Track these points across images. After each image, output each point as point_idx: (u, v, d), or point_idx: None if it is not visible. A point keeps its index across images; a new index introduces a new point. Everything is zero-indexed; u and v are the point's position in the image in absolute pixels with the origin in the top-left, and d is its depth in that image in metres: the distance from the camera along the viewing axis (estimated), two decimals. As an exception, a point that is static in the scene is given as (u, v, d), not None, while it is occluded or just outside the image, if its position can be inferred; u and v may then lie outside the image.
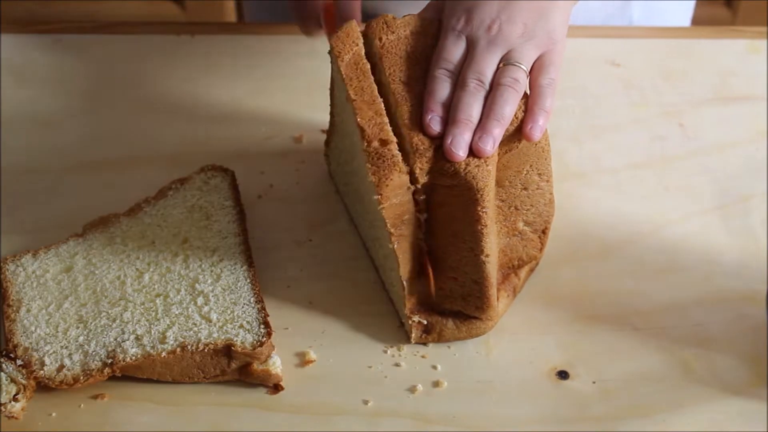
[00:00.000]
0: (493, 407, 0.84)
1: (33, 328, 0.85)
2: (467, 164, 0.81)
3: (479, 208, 0.82)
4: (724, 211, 0.99)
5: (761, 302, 0.90)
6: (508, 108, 0.83)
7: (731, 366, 0.87)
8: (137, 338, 0.84)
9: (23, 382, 0.80)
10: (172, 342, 0.83)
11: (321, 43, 1.13)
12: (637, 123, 1.08)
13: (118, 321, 0.85)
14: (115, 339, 0.84)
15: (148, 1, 2.19)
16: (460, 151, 0.81)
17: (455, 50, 0.86)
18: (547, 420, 0.83)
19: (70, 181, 1.00)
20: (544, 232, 0.91)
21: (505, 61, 0.85)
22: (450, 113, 0.83)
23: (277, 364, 0.84)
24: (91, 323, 0.85)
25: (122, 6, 2.17)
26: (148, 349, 0.83)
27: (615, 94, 1.11)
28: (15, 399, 0.80)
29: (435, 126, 0.82)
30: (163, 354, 0.82)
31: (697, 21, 1.38)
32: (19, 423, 0.81)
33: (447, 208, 0.84)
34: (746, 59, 1.15)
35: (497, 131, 0.82)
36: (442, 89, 0.84)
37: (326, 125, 1.02)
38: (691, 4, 1.30)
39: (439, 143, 0.82)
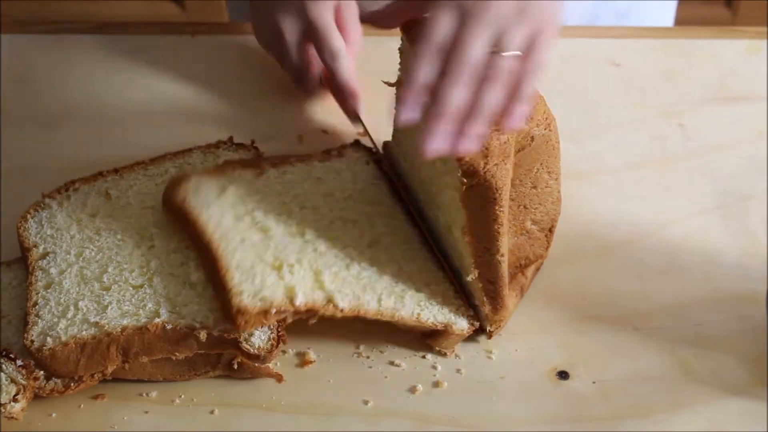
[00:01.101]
0: (493, 407, 0.84)
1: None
2: (486, 163, 0.80)
3: (497, 208, 0.82)
4: (724, 211, 0.99)
5: (761, 302, 0.90)
6: (495, 102, 0.77)
7: (731, 366, 0.87)
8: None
9: (23, 382, 0.80)
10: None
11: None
12: (637, 123, 1.08)
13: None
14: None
15: (148, 1, 2.19)
16: (438, 144, 0.76)
17: (443, 24, 0.78)
18: (547, 420, 0.83)
19: (70, 181, 1.00)
20: (550, 230, 0.91)
21: (495, 47, 0.77)
22: (432, 101, 0.76)
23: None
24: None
25: (122, 6, 2.17)
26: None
27: (615, 94, 1.11)
28: (15, 399, 0.80)
29: (411, 113, 0.77)
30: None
31: (697, 21, 1.38)
32: (19, 423, 0.81)
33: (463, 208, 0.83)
34: (746, 59, 1.15)
35: (481, 128, 0.77)
36: (425, 71, 0.77)
37: (326, 125, 1.02)
38: (673, 4, 1.29)
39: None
